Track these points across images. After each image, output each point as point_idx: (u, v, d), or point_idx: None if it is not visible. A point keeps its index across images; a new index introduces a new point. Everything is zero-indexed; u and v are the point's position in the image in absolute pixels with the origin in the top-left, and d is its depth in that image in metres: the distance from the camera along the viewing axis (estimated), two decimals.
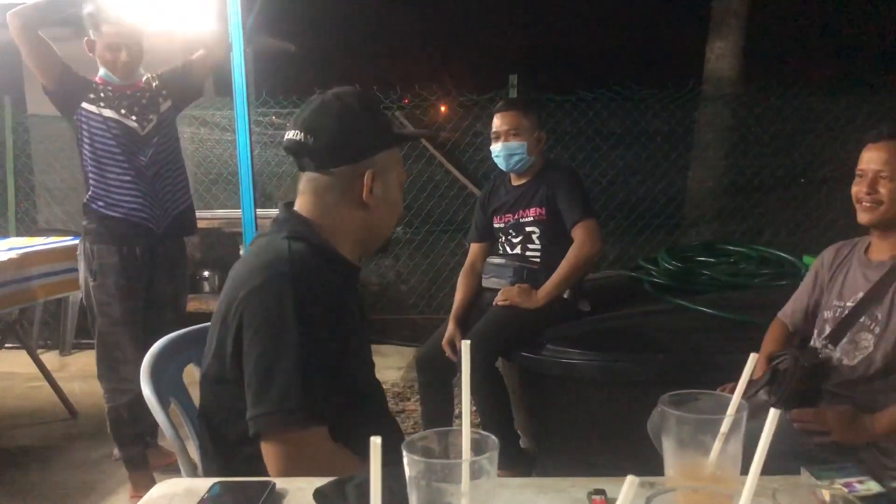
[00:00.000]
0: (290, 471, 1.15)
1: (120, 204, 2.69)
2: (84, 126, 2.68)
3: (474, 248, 3.04)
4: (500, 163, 2.85)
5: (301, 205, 1.35)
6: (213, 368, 1.29)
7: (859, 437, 1.74)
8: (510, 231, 2.90)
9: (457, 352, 2.71)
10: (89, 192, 2.72)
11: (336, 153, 1.30)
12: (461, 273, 3.01)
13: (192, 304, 4.01)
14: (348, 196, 1.32)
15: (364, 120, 1.32)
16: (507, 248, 2.91)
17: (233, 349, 1.22)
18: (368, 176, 1.31)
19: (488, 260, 2.93)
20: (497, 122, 2.84)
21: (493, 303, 2.75)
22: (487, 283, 2.89)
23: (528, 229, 2.85)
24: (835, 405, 1.82)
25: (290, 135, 1.30)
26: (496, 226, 2.95)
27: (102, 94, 2.69)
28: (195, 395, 1.53)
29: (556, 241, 2.79)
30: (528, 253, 2.86)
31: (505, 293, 2.74)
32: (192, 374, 1.55)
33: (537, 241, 2.84)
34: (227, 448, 1.30)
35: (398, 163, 1.38)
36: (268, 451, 1.17)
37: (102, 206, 2.70)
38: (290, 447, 1.16)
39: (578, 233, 2.73)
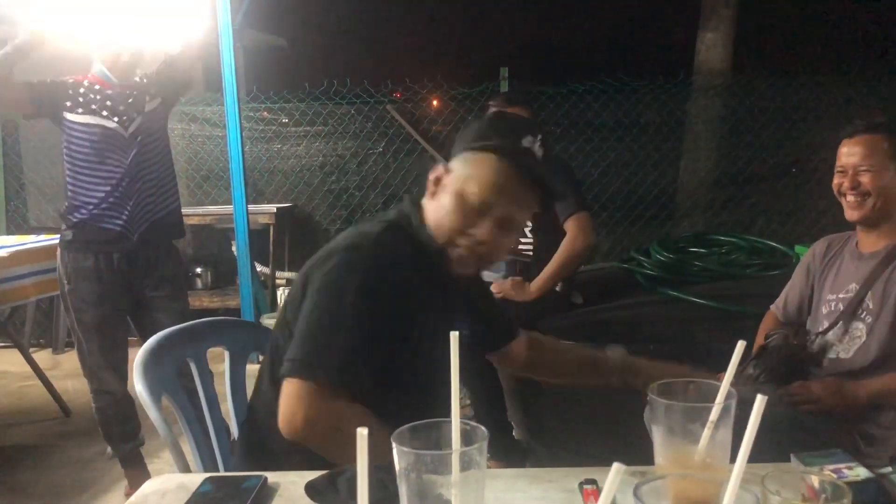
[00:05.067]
0: (294, 414, 1.20)
1: (92, 210, 2.62)
2: (66, 130, 2.63)
3: None
4: None
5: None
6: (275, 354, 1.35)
7: (845, 404, 1.76)
8: None
9: None
10: (66, 200, 2.67)
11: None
12: None
13: None
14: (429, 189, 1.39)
15: (466, 128, 1.42)
16: None
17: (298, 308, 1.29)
18: (438, 171, 1.37)
19: None
20: None
21: None
22: None
23: None
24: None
25: None
26: None
27: (81, 99, 2.62)
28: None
29: (549, 234, 2.79)
30: (520, 246, 2.86)
31: (497, 287, 2.74)
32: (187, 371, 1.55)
33: (530, 235, 2.84)
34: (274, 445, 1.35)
35: (481, 172, 1.32)
36: (284, 391, 1.23)
37: (74, 213, 2.64)
38: (303, 394, 1.22)
39: (571, 226, 2.74)
